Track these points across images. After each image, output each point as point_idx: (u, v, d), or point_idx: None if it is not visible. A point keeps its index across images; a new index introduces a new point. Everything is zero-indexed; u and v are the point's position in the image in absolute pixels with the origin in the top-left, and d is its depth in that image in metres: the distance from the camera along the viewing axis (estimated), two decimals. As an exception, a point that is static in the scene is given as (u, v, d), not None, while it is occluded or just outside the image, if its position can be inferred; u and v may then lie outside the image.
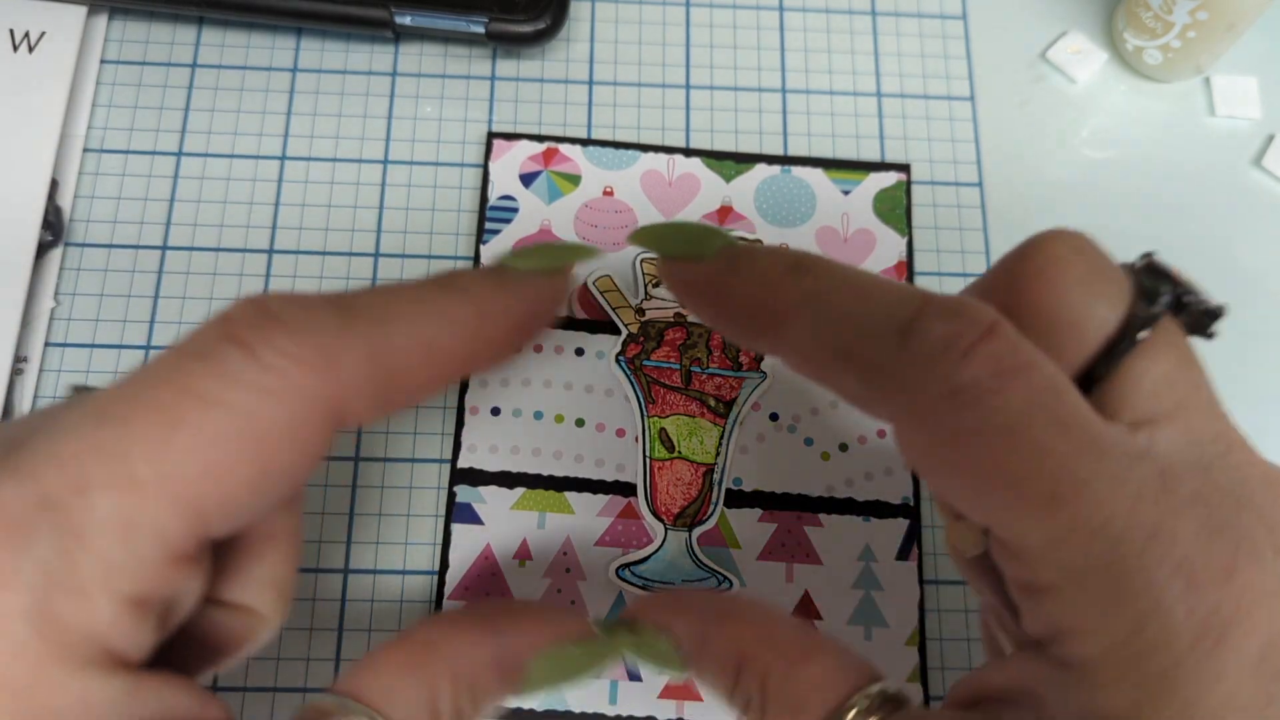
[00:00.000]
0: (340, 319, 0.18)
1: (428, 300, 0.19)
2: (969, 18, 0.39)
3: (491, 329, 0.20)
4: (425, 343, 0.19)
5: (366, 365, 0.18)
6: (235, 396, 0.17)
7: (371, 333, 0.18)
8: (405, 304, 0.19)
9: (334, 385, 0.18)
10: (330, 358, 0.17)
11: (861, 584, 0.31)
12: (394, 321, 0.19)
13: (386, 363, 0.18)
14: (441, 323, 0.19)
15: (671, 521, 0.31)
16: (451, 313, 0.19)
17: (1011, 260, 0.19)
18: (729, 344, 0.33)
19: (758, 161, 0.36)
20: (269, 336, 0.17)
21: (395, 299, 0.19)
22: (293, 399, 0.17)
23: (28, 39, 0.35)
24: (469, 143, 0.36)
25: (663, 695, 0.30)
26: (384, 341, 0.18)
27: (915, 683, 0.30)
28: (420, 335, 0.19)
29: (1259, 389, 0.34)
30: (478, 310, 0.20)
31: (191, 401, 0.16)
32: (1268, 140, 0.37)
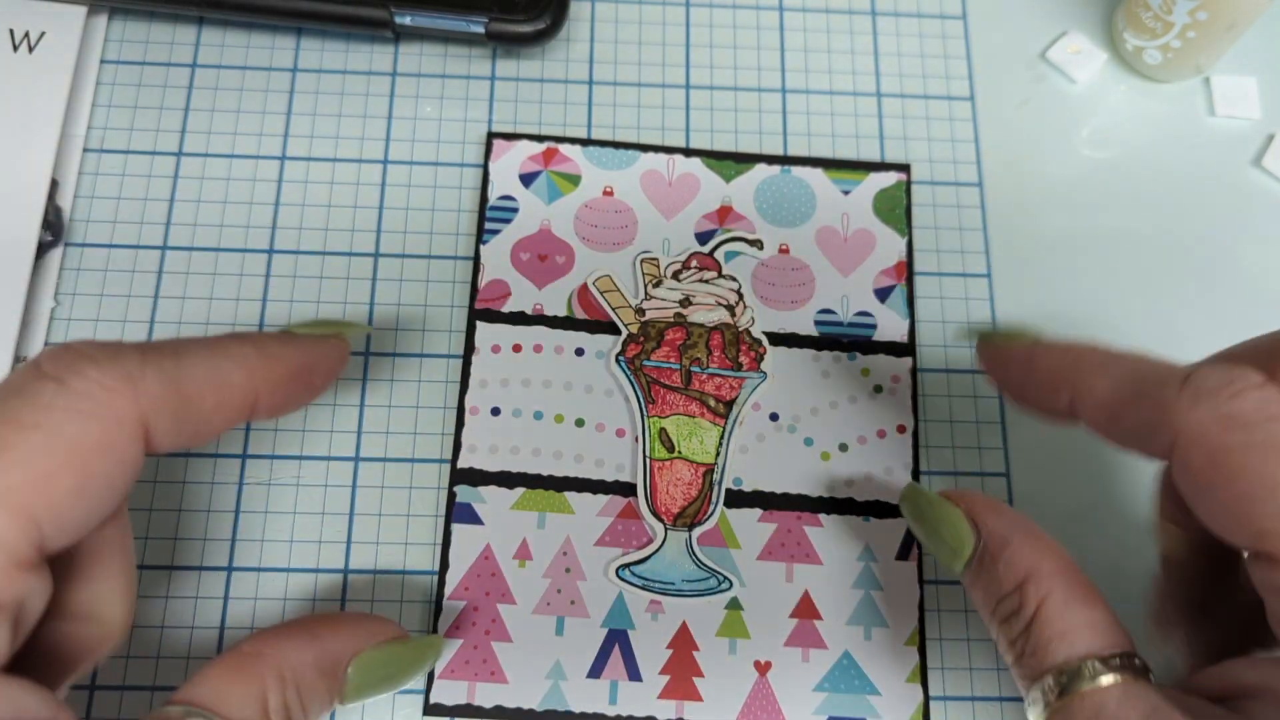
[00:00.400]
0: (141, 355, 0.22)
1: (218, 343, 0.24)
2: (969, 18, 0.39)
3: (273, 370, 0.24)
4: (215, 374, 0.23)
5: (165, 390, 0.22)
6: (51, 419, 0.20)
7: (168, 364, 0.22)
8: (198, 346, 0.23)
9: (137, 406, 0.21)
10: (133, 383, 0.21)
11: (861, 584, 0.31)
12: (188, 357, 0.23)
13: (182, 390, 0.22)
14: (229, 360, 0.24)
15: (671, 521, 0.31)
16: (237, 352, 0.24)
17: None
18: (729, 344, 0.33)
19: (757, 161, 0.36)
20: (78, 369, 0.21)
21: (190, 343, 0.23)
22: (102, 417, 0.20)
23: (28, 39, 0.35)
24: (469, 143, 0.36)
25: (662, 695, 0.30)
26: (179, 372, 0.22)
27: (915, 683, 0.30)
28: (210, 368, 0.23)
29: (1259, 389, 0.34)
30: (259, 352, 0.24)
31: (12, 429, 0.20)
32: (1268, 140, 0.37)
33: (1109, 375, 0.24)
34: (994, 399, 0.34)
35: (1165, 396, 0.22)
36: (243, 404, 0.24)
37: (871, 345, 0.34)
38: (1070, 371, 0.25)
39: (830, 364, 0.33)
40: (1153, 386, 0.22)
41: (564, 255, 0.34)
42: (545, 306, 0.33)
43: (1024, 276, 0.35)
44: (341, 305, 0.33)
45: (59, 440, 0.20)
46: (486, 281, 0.34)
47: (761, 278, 0.34)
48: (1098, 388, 0.24)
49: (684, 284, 0.34)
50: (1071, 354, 0.25)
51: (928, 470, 0.32)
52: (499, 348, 0.33)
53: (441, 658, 0.30)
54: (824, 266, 0.34)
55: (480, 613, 0.30)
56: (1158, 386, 0.22)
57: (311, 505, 0.31)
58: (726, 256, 0.34)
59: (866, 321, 0.34)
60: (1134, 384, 0.23)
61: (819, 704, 0.30)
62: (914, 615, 0.31)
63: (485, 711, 0.29)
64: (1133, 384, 0.23)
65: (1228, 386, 0.21)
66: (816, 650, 0.30)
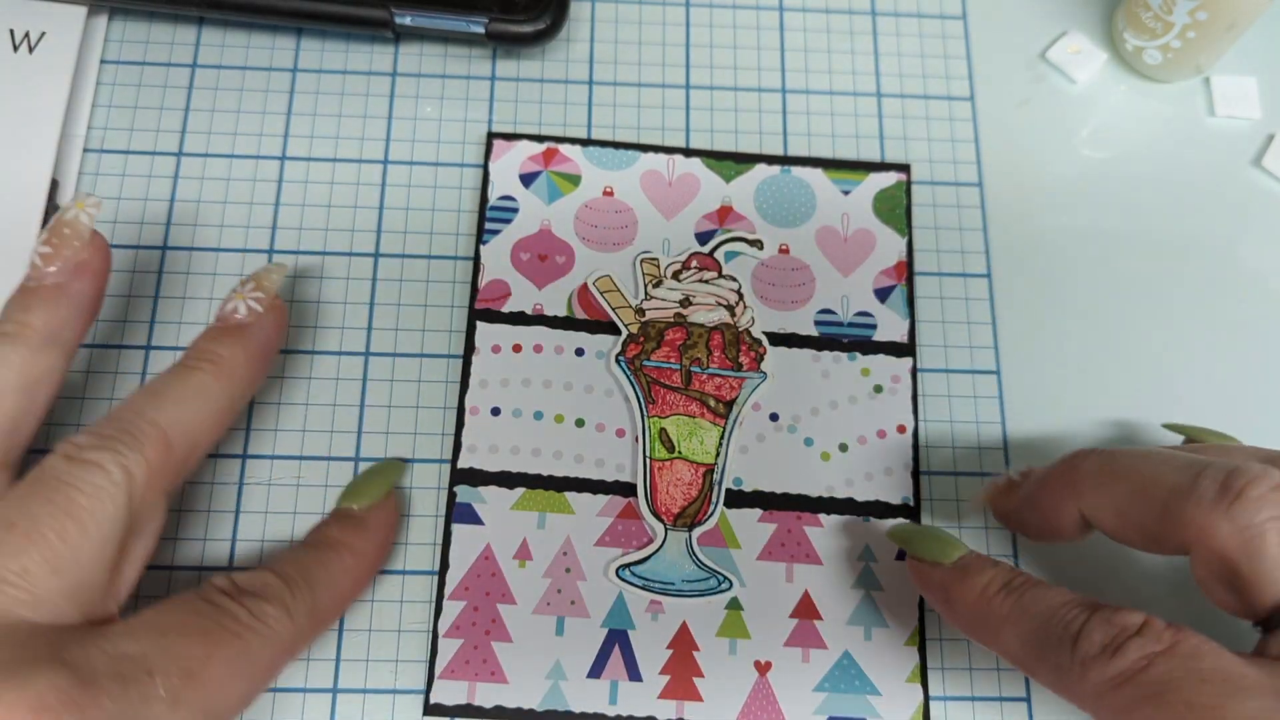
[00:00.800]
0: (288, 589, 0.26)
1: (330, 564, 0.28)
2: (969, 18, 0.39)
3: (367, 565, 0.29)
4: (335, 593, 0.27)
5: (307, 616, 0.26)
6: (243, 634, 0.24)
7: (307, 596, 0.26)
8: (318, 572, 0.27)
9: (291, 630, 0.26)
10: (290, 613, 0.26)
11: (861, 584, 0.31)
12: (315, 584, 0.27)
13: (318, 612, 0.27)
14: (339, 577, 0.28)
15: (671, 521, 0.31)
16: (343, 567, 0.28)
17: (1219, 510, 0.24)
18: (729, 344, 0.33)
19: (757, 162, 0.36)
20: (256, 602, 0.25)
21: (311, 569, 0.27)
22: (273, 641, 0.25)
23: (28, 39, 0.35)
24: (469, 143, 0.36)
25: (663, 695, 0.30)
26: (314, 600, 0.26)
27: (915, 683, 0.30)
28: (332, 590, 0.27)
29: (1259, 389, 0.34)
30: (356, 559, 0.28)
31: (223, 632, 0.24)
32: (1268, 140, 0.37)
33: (1016, 630, 0.25)
34: (995, 400, 0.34)
35: (1062, 662, 0.23)
36: (351, 602, 0.29)
37: (871, 345, 0.34)
38: (982, 620, 0.26)
39: (830, 364, 0.33)
40: (1052, 649, 0.24)
41: (564, 255, 0.34)
42: (545, 306, 0.33)
43: (1024, 276, 0.35)
44: (342, 305, 0.33)
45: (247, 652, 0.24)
46: (486, 282, 0.34)
47: (761, 278, 0.34)
48: (1009, 642, 0.25)
49: (684, 284, 0.34)
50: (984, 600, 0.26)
51: (928, 470, 0.32)
52: (499, 348, 0.33)
53: (442, 658, 0.30)
54: (824, 267, 0.34)
55: (480, 613, 0.30)
56: (1055, 649, 0.23)
57: (312, 505, 0.31)
58: (726, 257, 0.34)
59: (866, 321, 0.34)
60: (1037, 645, 0.24)
61: (819, 704, 0.30)
62: (914, 615, 0.31)
63: (485, 711, 0.29)
64: (1036, 645, 0.24)
65: (1111, 643, 0.22)
66: (817, 650, 0.30)
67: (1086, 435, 0.33)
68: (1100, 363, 0.34)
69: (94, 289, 0.28)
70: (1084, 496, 0.26)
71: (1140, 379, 0.34)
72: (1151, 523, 0.24)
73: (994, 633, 0.25)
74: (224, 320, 0.28)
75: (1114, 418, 0.34)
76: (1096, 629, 0.23)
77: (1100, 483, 0.26)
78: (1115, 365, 0.34)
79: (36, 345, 0.26)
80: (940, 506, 0.32)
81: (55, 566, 0.22)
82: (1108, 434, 0.33)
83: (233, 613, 0.24)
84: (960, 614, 0.27)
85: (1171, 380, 0.34)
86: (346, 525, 0.29)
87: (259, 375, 0.29)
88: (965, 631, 0.27)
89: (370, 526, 0.29)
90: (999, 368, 0.34)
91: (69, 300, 0.27)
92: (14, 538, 0.22)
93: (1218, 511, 0.23)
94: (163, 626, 0.23)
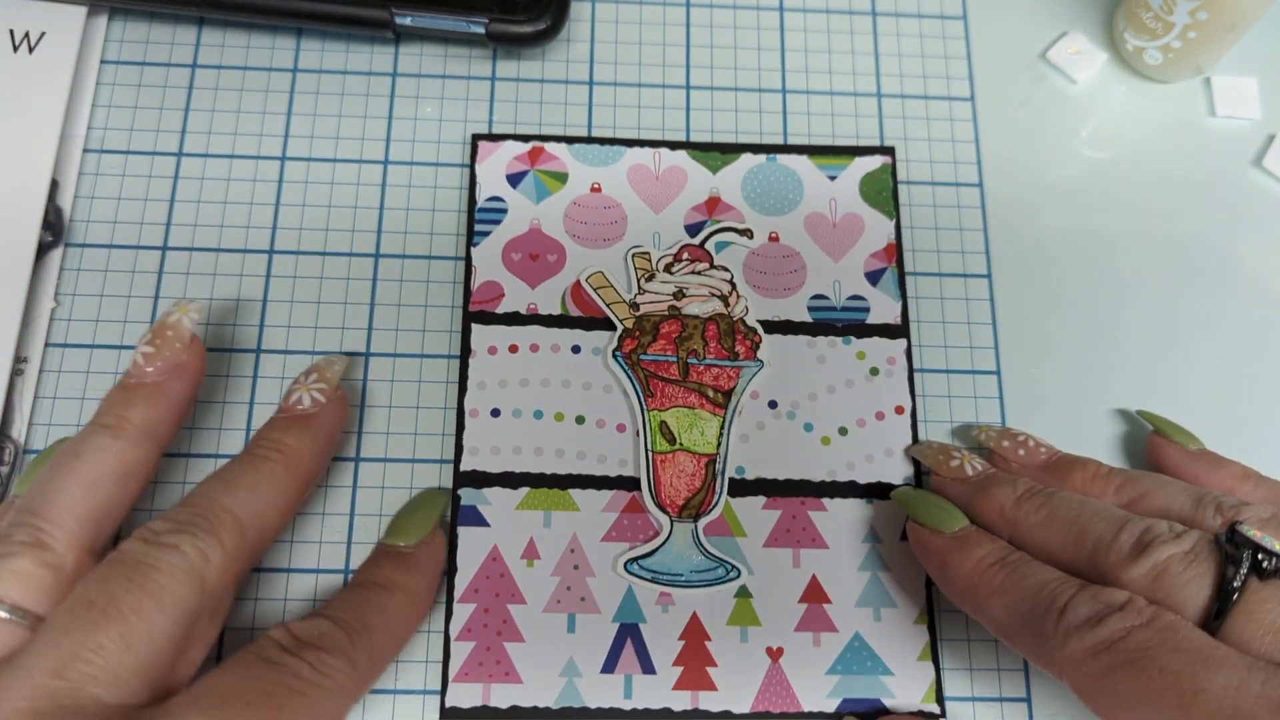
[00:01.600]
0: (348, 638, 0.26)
1: (386, 607, 0.28)
2: (969, 18, 0.39)
3: (421, 604, 0.29)
4: (392, 635, 0.28)
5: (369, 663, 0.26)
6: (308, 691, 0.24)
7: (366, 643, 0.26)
8: (374, 617, 0.27)
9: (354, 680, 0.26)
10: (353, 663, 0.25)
11: (868, 566, 0.31)
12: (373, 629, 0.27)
13: (377, 657, 0.27)
14: (395, 619, 0.28)
15: (677, 513, 0.31)
16: (398, 609, 0.28)
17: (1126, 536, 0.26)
18: (724, 334, 0.33)
19: (743, 151, 0.36)
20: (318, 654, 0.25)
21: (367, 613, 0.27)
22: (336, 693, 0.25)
23: (28, 39, 0.35)
24: (469, 143, 0.36)
25: (677, 686, 0.30)
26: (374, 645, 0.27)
27: (927, 661, 0.30)
28: (388, 632, 0.27)
29: (1259, 389, 0.34)
30: (409, 600, 0.28)
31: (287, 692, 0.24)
32: (1268, 140, 0.37)
33: (1003, 600, 0.26)
34: (995, 400, 0.34)
35: (1045, 630, 0.25)
36: (406, 641, 0.29)
37: (865, 328, 0.34)
38: (973, 590, 0.27)
39: (826, 349, 0.33)
40: (1038, 618, 0.25)
41: (555, 254, 0.34)
42: (539, 306, 0.33)
43: (1024, 276, 0.35)
44: (342, 305, 0.33)
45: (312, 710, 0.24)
46: (479, 284, 0.34)
47: (753, 266, 0.34)
48: (994, 611, 0.26)
49: (676, 276, 0.34)
50: (978, 571, 0.27)
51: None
52: (495, 349, 0.33)
53: (455, 661, 0.30)
54: (814, 252, 0.35)
55: (491, 614, 0.30)
56: (1041, 618, 0.25)
57: (312, 506, 0.31)
58: (717, 247, 0.34)
59: (859, 305, 0.34)
60: (1022, 615, 0.25)
61: (832, 687, 0.30)
62: (922, 594, 0.31)
63: (501, 712, 0.29)
64: (1021, 614, 0.25)
65: (1094, 616, 0.24)
66: (827, 634, 0.30)
67: (1086, 435, 0.33)
68: (1100, 363, 0.34)
69: (190, 390, 0.29)
70: (1024, 532, 0.28)
71: (1140, 379, 0.34)
72: (1082, 570, 0.26)
73: (982, 602, 0.27)
74: (288, 411, 0.29)
75: (1114, 417, 0.34)
76: (1083, 603, 0.24)
77: (1042, 523, 0.27)
78: (1115, 365, 0.34)
79: (134, 439, 0.27)
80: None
81: (129, 642, 0.23)
82: (1107, 434, 0.33)
83: (294, 670, 0.24)
84: (953, 582, 0.28)
85: (1171, 380, 0.34)
86: (397, 564, 0.29)
87: (325, 464, 0.30)
88: (954, 598, 0.28)
89: (420, 565, 0.29)
90: (999, 368, 0.34)
91: (166, 399, 0.28)
92: (92, 614, 0.23)
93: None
94: (225, 694, 0.23)
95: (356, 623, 0.26)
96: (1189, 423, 0.32)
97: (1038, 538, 0.27)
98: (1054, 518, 0.27)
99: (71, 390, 0.32)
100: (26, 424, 0.31)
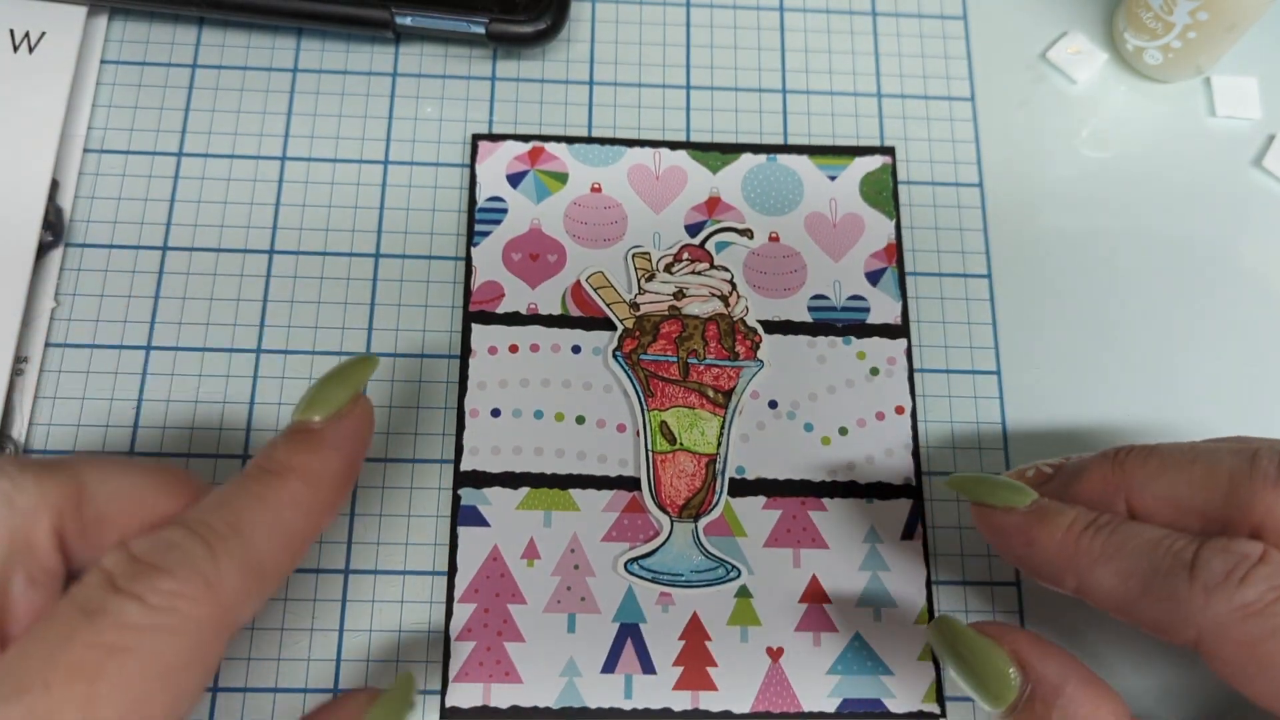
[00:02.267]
0: (206, 548, 0.20)
1: (269, 498, 0.22)
2: (969, 18, 0.39)
3: (328, 493, 0.23)
4: (282, 536, 0.22)
5: (241, 577, 0.21)
6: (140, 642, 0.19)
7: (237, 549, 0.21)
8: (254, 511, 0.22)
9: (220, 606, 0.20)
10: (211, 585, 0.20)
11: (868, 566, 0.31)
12: (251, 530, 0.21)
13: (257, 567, 0.21)
14: (287, 513, 0.22)
15: (677, 513, 0.31)
16: (292, 499, 0.22)
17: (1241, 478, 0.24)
18: (725, 334, 0.33)
19: (743, 151, 0.36)
20: (155, 584, 0.19)
21: (243, 510, 0.22)
22: (189, 632, 0.19)
23: (28, 39, 0.35)
24: (469, 143, 0.36)
25: (677, 686, 0.30)
26: (250, 553, 0.21)
27: (927, 661, 0.30)
28: (276, 533, 0.22)
29: (1259, 389, 0.34)
30: (311, 488, 0.23)
31: (104, 653, 0.18)
32: (1268, 141, 0.37)
33: (1113, 566, 0.24)
34: (995, 400, 0.34)
35: (1177, 591, 0.22)
36: (309, 542, 0.23)
37: (866, 329, 0.34)
38: (1072, 559, 0.24)
39: (826, 349, 0.33)
40: (1162, 579, 0.23)
41: (555, 254, 0.34)
42: (540, 306, 0.33)
43: (1024, 276, 0.35)
44: (342, 305, 0.33)
45: (151, 663, 0.19)
46: (479, 284, 0.34)
47: (753, 266, 0.34)
48: (1105, 580, 0.24)
49: (677, 277, 0.34)
50: (1071, 539, 0.24)
51: (927, 446, 0.33)
52: (495, 349, 0.33)
53: (455, 661, 0.30)
54: (814, 252, 0.35)
55: (491, 614, 0.30)
56: (1167, 578, 0.22)
57: (312, 505, 0.31)
58: (717, 247, 0.34)
59: (859, 305, 0.34)
60: (1141, 578, 0.23)
61: (833, 687, 0.30)
62: (922, 594, 0.31)
63: (501, 713, 0.29)
64: (1140, 578, 0.23)
65: (1234, 571, 0.22)
66: (827, 634, 0.30)
67: (1087, 435, 0.33)
68: (1100, 363, 0.34)
69: None
70: (1136, 488, 0.25)
71: (1140, 379, 0.34)
72: (1216, 508, 0.24)
73: (1085, 571, 0.24)
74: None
75: (1114, 418, 0.34)
76: (1215, 557, 0.22)
77: (1155, 473, 0.25)
78: (1115, 365, 0.34)
79: None
80: (942, 485, 0.32)
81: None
82: (1108, 434, 0.33)
83: (118, 616, 0.19)
84: (1043, 558, 0.25)
85: (1172, 380, 0.34)
86: (297, 444, 0.23)
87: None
88: (1044, 575, 0.26)
89: (329, 442, 0.23)
90: (999, 368, 0.34)
91: None
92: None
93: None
94: (22, 678, 0.18)
95: (223, 524, 0.21)
96: (1189, 422, 0.32)
97: (1153, 490, 0.25)
98: (1167, 464, 0.25)
99: (72, 390, 0.32)
100: (27, 424, 0.31)
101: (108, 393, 0.32)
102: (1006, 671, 0.24)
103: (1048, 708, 0.23)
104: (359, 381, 0.25)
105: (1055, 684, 0.23)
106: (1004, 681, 0.24)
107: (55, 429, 0.31)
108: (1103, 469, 0.26)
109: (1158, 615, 0.23)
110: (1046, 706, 0.23)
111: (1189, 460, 0.25)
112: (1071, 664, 0.24)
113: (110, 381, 0.32)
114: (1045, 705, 0.23)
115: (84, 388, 0.32)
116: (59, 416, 0.31)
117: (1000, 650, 0.24)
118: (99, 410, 0.32)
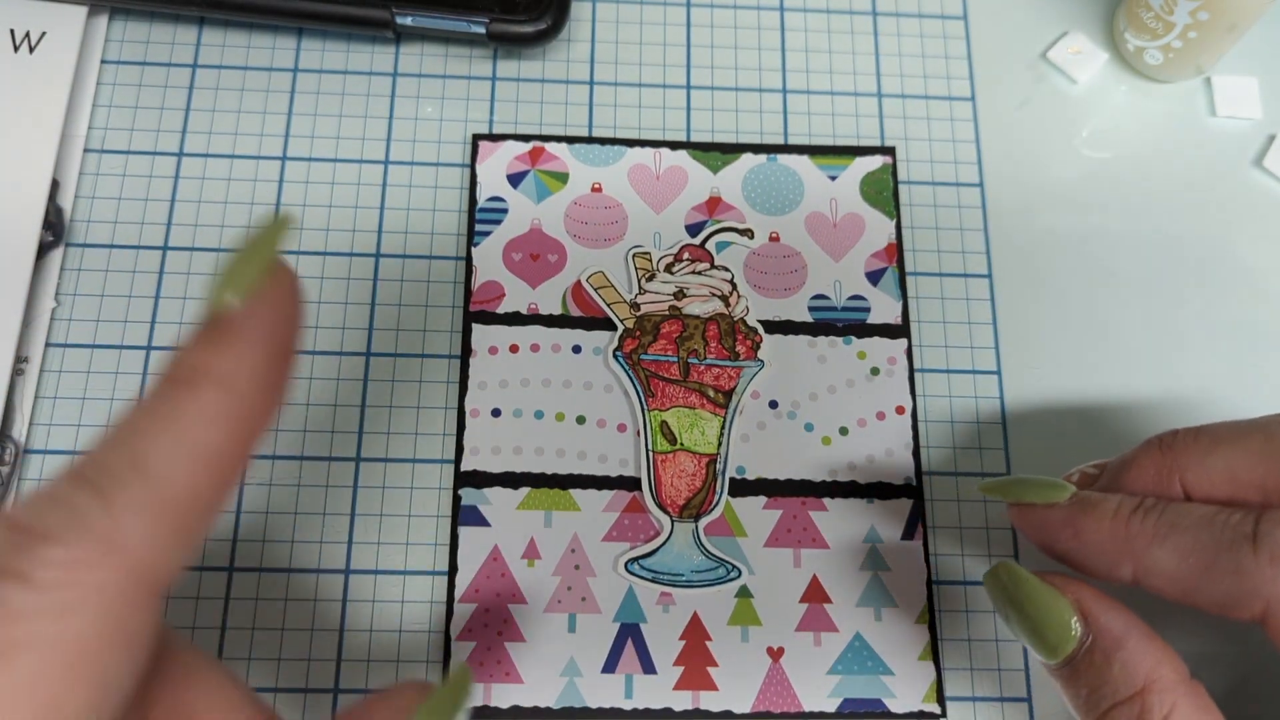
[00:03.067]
0: (99, 498, 0.16)
1: (179, 417, 0.17)
2: (969, 18, 0.39)
3: (254, 398, 0.18)
4: (200, 462, 0.17)
5: (152, 524, 0.16)
6: (35, 630, 0.15)
7: (140, 492, 0.16)
8: (161, 438, 0.17)
9: (128, 565, 0.16)
10: (112, 543, 0.16)
11: (869, 565, 0.31)
12: (158, 463, 0.17)
13: (172, 507, 0.17)
14: (204, 432, 0.17)
15: (677, 513, 0.31)
16: (209, 413, 0.17)
17: None
18: (725, 334, 0.33)
19: (744, 151, 0.36)
20: (40, 555, 0.16)
21: (147, 439, 0.17)
22: (95, 604, 0.16)
23: (28, 39, 0.35)
24: (470, 143, 0.36)
25: (678, 686, 0.30)
26: (160, 491, 0.17)
27: (928, 661, 0.30)
28: (193, 459, 0.17)
29: (1260, 390, 0.34)
30: (230, 394, 0.17)
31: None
32: (1268, 140, 0.37)
33: (1170, 545, 0.23)
34: (995, 400, 0.34)
35: (1242, 564, 0.22)
36: (242, 459, 0.18)
37: (866, 328, 0.34)
38: (1125, 544, 0.24)
39: (826, 349, 0.33)
40: (1224, 554, 0.22)
41: (556, 254, 0.34)
42: (540, 306, 0.33)
43: (1024, 276, 0.35)
44: (342, 305, 0.33)
45: (54, 654, 0.15)
46: (480, 284, 0.34)
47: (754, 266, 0.34)
48: (1162, 561, 0.23)
49: (677, 276, 0.34)
50: (1121, 523, 0.24)
51: (927, 446, 0.33)
52: (496, 349, 0.33)
53: (456, 660, 0.30)
54: (815, 252, 0.35)
55: (492, 614, 0.30)
56: (1230, 552, 0.22)
57: (313, 505, 0.31)
58: (718, 247, 0.34)
59: (860, 305, 0.34)
60: (1201, 555, 0.22)
61: (833, 687, 0.30)
62: (923, 594, 0.31)
63: (502, 712, 0.29)
64: (1200, 555, 0.22)
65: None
66: (828, 634, 0.30)
67: (1087, 435, 0.33)
68: (1100, 362, 0.34)
69: None
70: (1192, 467, 0.25)
71: (1140, 379, 0.34)
72: (1277, 479, 0.23)
73: (1141, 553, 0.23)
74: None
75: (1114, 418, 0.34)
76: (1278, 527, 0.22)
77: (1209, 448, 0.24)
78: (1115, 365, 0.34)
79: None
80: (941, 485, 0.32)
81: None
82: (1108, 434, 0.33)
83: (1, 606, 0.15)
84: (1092, 546, 0.24)
85: (1172, 380, 0.34)
86: (208, 341, 0.18)
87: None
88: (1096, 567, 0.25)
89: (244, 334, 0.18)
90: (999, 368, 0.34)
91: None
92: None
93: None
94: None
95: (121, 463, 0.17)
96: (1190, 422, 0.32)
97: (1209, 465, 0.24)
98: (1220, 439, 0.24)
99: (72, 390, 0.32)
100: (27, 424, 0.31)
101: (108, 393, 0.32)
102: (1069, 621, 0.23)
103: (1108, 660, 0.23)
104: (270, 248, 0.19)
105: (1118, 636, 0.23)
106: (1065, 631, 0.23)
107: (55, 429, 0.31)
108: (1151, 455, 0.26)
109: (1223, 591, 0.22)
110: (1107, 658, 0.23)
111: (1244, 433, 0.24)
112: (1134, 619, 0.23)
113: (110, 381, 0.32)
114: (1105, 657, 0.23)
115: (84, 388, 0.32)
116: (59, 416, 0.31)
117: (1064, 599, 0.24)
118: (99, 410, 0.32)
